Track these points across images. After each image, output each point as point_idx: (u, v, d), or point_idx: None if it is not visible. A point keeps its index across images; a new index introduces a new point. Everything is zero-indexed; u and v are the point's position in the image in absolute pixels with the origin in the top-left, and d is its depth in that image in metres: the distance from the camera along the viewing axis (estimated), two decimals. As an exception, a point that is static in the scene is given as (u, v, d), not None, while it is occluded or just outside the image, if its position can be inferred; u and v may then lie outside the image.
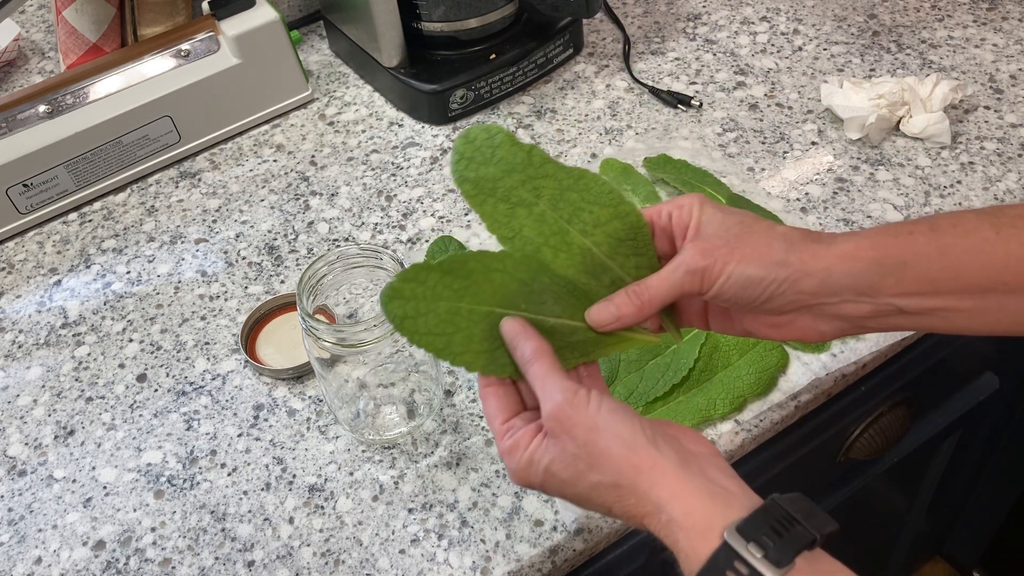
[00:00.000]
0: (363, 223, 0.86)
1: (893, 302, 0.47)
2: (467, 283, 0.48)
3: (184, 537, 0.65)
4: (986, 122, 0.88)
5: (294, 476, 0.68)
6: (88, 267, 0.85)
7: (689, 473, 0.42)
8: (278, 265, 0.83)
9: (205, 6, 0.91)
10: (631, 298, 0.49)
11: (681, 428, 0.47)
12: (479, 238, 0.82)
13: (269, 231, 0.86)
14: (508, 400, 0.49)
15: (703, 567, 0.39)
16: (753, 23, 1.02)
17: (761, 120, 0.91)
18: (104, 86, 0.89)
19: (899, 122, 0.87)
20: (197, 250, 0.85)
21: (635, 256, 0.50)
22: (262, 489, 0.67)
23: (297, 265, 0.83)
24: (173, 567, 0.64)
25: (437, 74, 0.93)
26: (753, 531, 0.39)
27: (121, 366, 0.76)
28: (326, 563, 0.63)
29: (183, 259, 0.84)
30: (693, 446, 0.45)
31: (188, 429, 0.71)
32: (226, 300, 0.81)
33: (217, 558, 0.64)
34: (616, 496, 0.44)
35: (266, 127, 0.97)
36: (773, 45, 0.99)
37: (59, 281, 0.84)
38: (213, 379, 0.75)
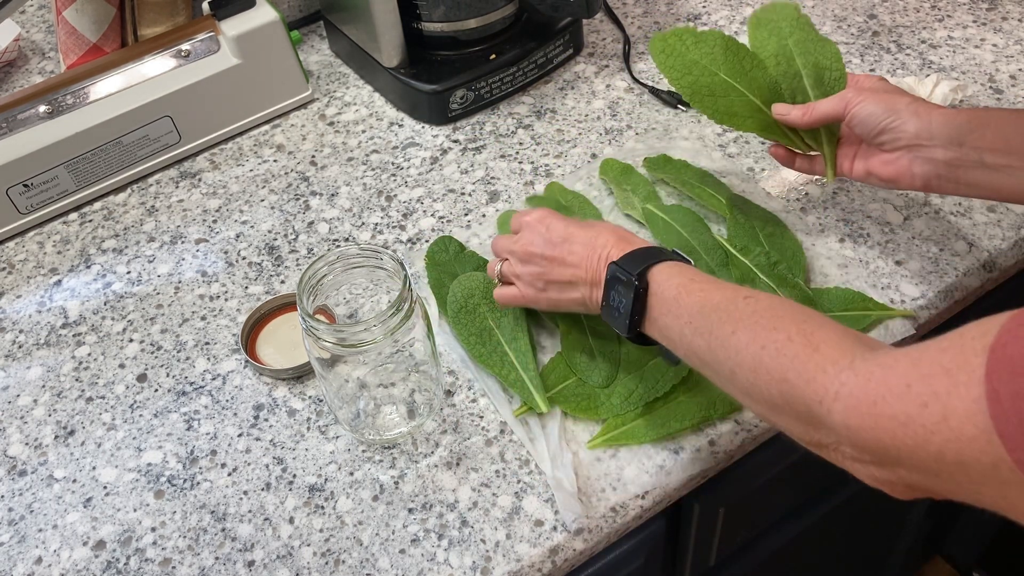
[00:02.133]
0: (363, 223, 0.86)
1: (972, 153, 0.62)
2: (739, 66, 0.74)
3: (184, 537, 0.65)
4: (986, 122, 0.88)
5: (294, 476, 0.68)
6: (88, 267, 0.85)
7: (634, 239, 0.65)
8: (278, 265, 0.83)
9: (205, 6, 0.91)
10: (803, 107, 0.71)
11: None
12: (479, 238, 0.82)
13: (269, 231, 0.86)
14: None
15: (648, 247, 0.62)
16: (753, 23, 1.02)
17: (761, 120, 0.91)
18: (104, 86, 0.89)
19: (899, 122, 0.87)
20: (197, 250, 0.85)
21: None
22: (262, 489, 0.67)
23: (297, 265, 0.83)
24: (173, 567, 0.64)
25: (437, 74, 0.93)
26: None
27: (121, 366, 0.76)
28: (326, 563, 0.63)
29: (183, 259, 0.84)
30: None
31: (188, 429, 0.72)
32: (226, 300, 0.81)
33: (217, 558, 0.64)
34: (610, 228, 0.66)
35: (266, 127, 0.97)
36: (773, 45, 0.99)
37: (59, 281, 0.84)
38: (213, 379, 0.75)
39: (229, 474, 0.68)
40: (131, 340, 0.78)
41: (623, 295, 0.60)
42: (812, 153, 0.75)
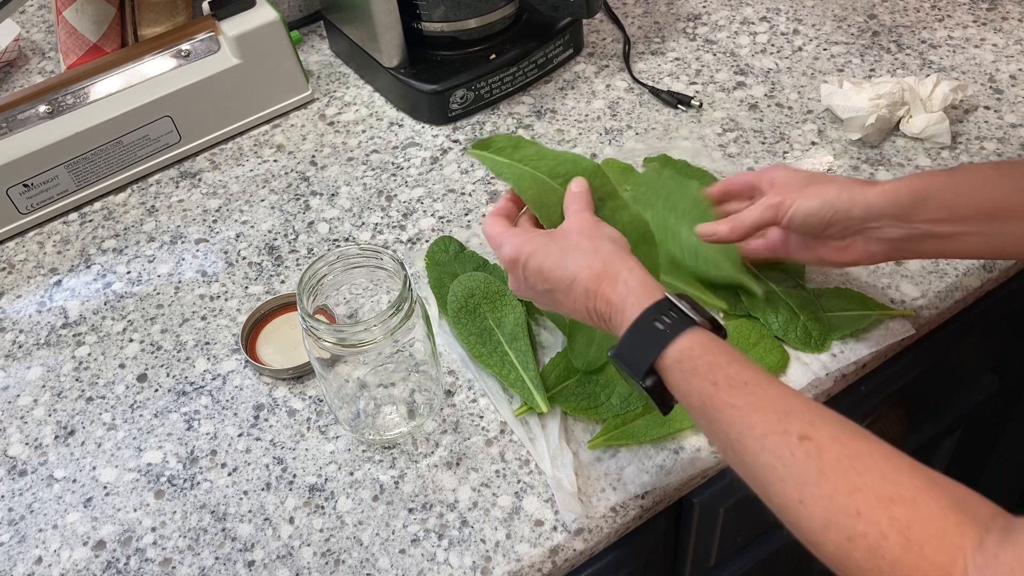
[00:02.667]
0: (363, 223, 0.86)
1: (921, 227, 0.60)
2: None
3: (184, 537, 0.65)
4: (986, 122, 0.88)
5: (294, 476, 0.68)
6: (88, 267, 0.85)
7: (641, 265, 0.57)
8: (278, 265, 0.83)
9: (205, 6, 0.91)
10: (728, 222, 0.66)
11: None
12: (479, 238, 0.82)
13: (269, 231, 0.86)
14: (508, 222, 0.63)
15: (648, 308, 0.53)
16: (753, 23, 1.02)
17: (761, 120, 0.91)
18: (104, 86, 0.89)
19: (899, 122, 0.87)
20: (197, 250, 0.85)
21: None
22: (262, 489, 0.67)
23: (297, 265, 0.83)
24: (173, 567, 0.64)
25: (437, 74, 0.93)
26: (680, 298, 0.53)
27: (121, 366, 0.76)
28: (326, 563, 0.63)
29: (183, 259, 0.84)
30: None
31: (188, 429, 0.72)
32: (226, 300, 0.81)
33: (217, 558, 0.64)
34: (589, 262, 0.56)
35: (266, 127, 0.97)
36: (773, 45, 0.99)
37: (59, 281, 0.84)
38: (213, 379, 0.75)
39: (229, 474, 0.68)
40: (131, 340, 0.78)
41: (631, 379, 0.54)
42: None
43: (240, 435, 0.71)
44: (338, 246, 0.81)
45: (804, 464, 0.44)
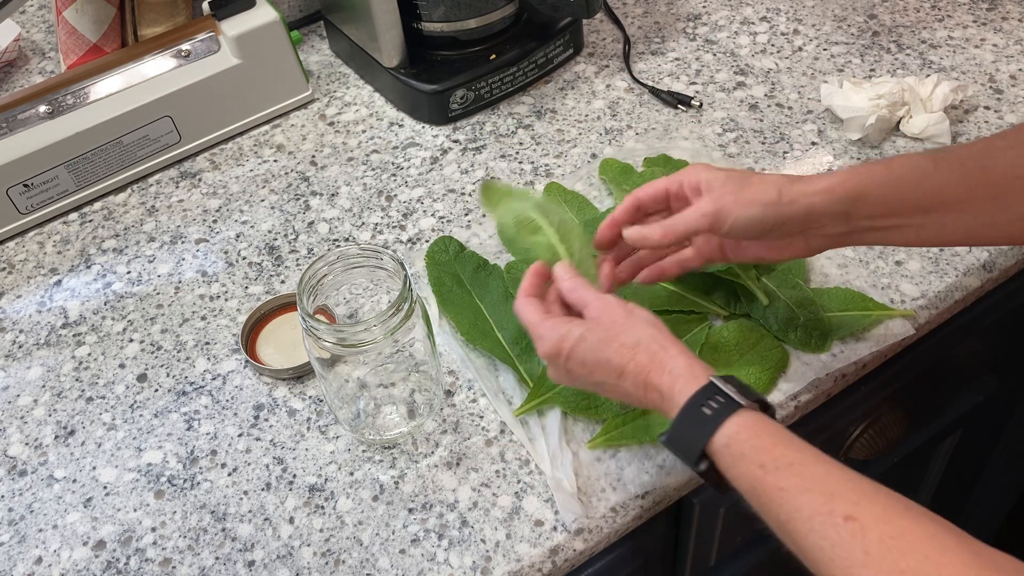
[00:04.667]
0: (363, 223, 0.86)
1: (862, 223, 0.60)
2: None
3: (184, 537, 0.65)
4: (986, 122, 0.88)
5: (294, 476, 0.68)
6: (88, 267, 0.85)
7: (685, 348, 0.57)
8: (278, 265, 0.83)
9: (205, 6, 0.91)
10: (660, 227, 0.62)
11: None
12: (479, 238, 0.82)
13: (269, 231, 0.86)
14: (541, 304, 0.61)
15: (695, 394, 0.52)
16: (753, 23, 1.02)
17: (761, 120, 0.91)
18: (104, 86, 0.89)
19: (899, 122, 0.87)
20: (197, 250, 0.85)
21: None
22: (262, 489, 0.67)
23: (297, 265, 0.83)
24: (173, 567, 0.64)
25: (437, 74, 0.93)
26: (726, 381, 0.53)
27: (121, 366, 0.76)
28: (326, 563, 0.63)
29: (183, 259, 0.84)
30: None
31: (188, 429, 0.72)
32: (226, 300, 0.81)
33: (217, 558, 0.64)
34: (633, 354, 0.56)
35: (266, 127, 0.97)
36: (773, 45, 0.99)
37: (59, 281, 0.84)
38: (213, 379, 0.75)
39: (229, 474, 0.68)
40: (131, 340, 0.78)
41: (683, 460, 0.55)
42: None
43: (240, 435, 0.71)
44: (338, 246, 0.81)
45: (850, 545, 0.44)
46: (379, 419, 0.70)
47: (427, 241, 0.83)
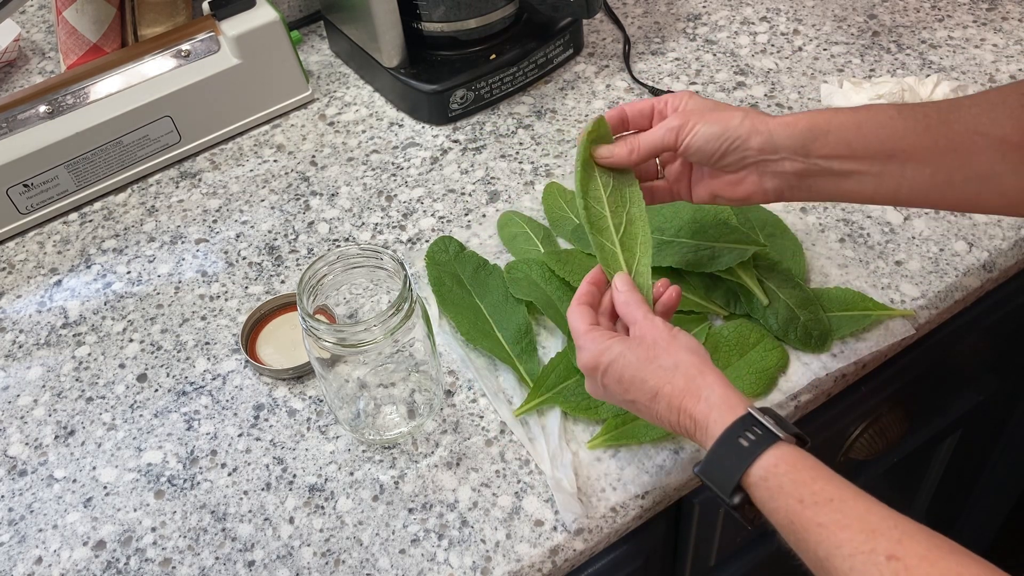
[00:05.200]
0: (363, 223, 0.86)
1: (819, 163, 0.60)
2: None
3: (184, 537, 0.65)
4: (986, 122, 0.88)
5: (294, 476, 0.68)
6: (88, 267, 0.85)
7: (723, 377, 0.56)
8: (278, 265, 0.83)
9: (205, 6, 0.91)
10: (626, 143, 0.63)
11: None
12: (479, 238, 0.82)
13: (269, 231, 0.86)
14: (591, 314, 0.61)
15: (731, 425, 0.52)
16: (753, 23, 1.02)
17: (761, 120, 0.91)
18: (104, 86, 0.89)
19: (899, 122, 0.87)
20: (197, 250, 0.85)
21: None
22: (262, 489, 0.67)
23: (297, 265, 0.83)
24: (173, 567, 0.64)
25: (437, 74, 0.93)
26: (764, 412, 0.52)
27: (121, 366, 0.76)
28: (326, 563, 0.63)
29: (183, 259, 0.85)
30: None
31: (188, 429, 0.72)
32: (226, 300, 0.81)
33: (217, 558, 0.64)
34: (670, 378, 0.55)
35: (266, 127, 0.97)
36: (773, 45, 0.99)
37: (59, 281, 0.84)
38: (213, 379, 0.75)
39: (229, 474, 0.68)
40: (131, 340, 0.78)
41: (719, 497, 0.53)
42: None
43: (240, 435, 0.71)
44: (338, 246, 0.81)
45: None
46: (379, 419, 0.70)
47: (427, 241, 0.83)
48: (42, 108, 0.87)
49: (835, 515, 0.47)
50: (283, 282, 0.81)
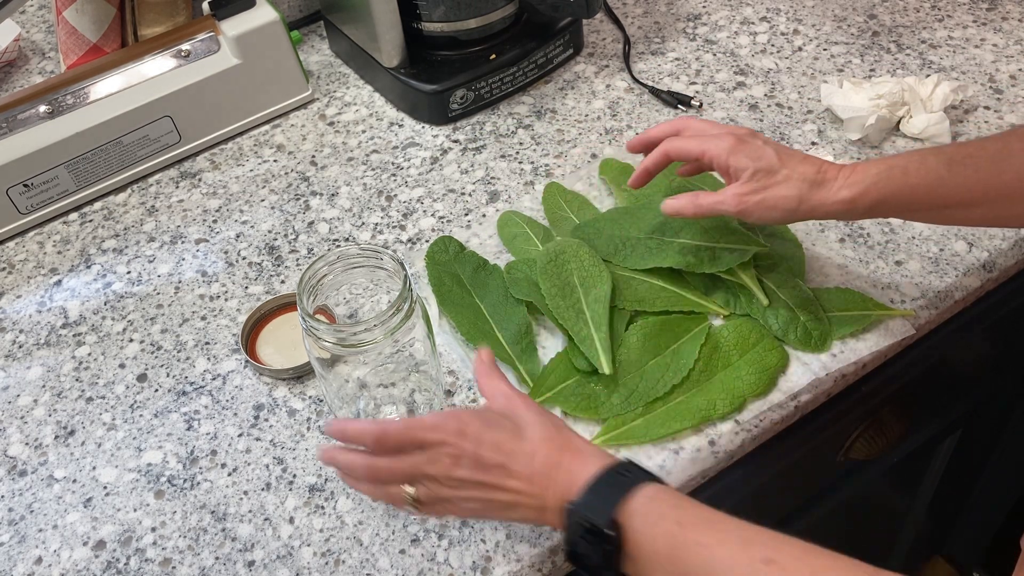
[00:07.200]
0: (363, 223, 0.86)
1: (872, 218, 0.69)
2: None
3: (184, 537, 0.65)
4: (986, 122, 0.88)
5: (294, 476, 0.68)
6: (88, 267, 0.85)
7: (578, 441, 0.56)
8: (278, 265, 0.83)
9: (205, 6, 0.91)
10: (693, 205, 0.66)
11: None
12: (479, 238, 0.82)
13: (269, 231, 0.86)
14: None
15: (613, 464, 0.53)
16: (753, 23, 1.02)
17: (761, 120, 0.91)
18: (104, 86, 0.89)
19: (899, 122, 0.87)
20: (197, 250, 0.85)
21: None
22: (262, 489, 0.67)
23: (297, 265, 0.83)
24: (173, 567, 0.64)
25: (437, 74, 0.93)
26: (631, 463, 0.54)
27: (121, 366, 0.76)
28: (326, 563, 0.63)
29: (183, 259, 0.85)
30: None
31: (188, 429, 0.72)
32: (226, 300, 0.81)
33: (217, 558, 0.64)
34: (531, 449, 0.54)
35: (266, 127, 0.97)
36: (773, 45, 0.99)
37: (59, 281, 0.84)
38: (213, 379, 0.75)
39: (229, 474, 0.68)
40: (131, 340, 0.78)
41: (592, 548, 0.52)
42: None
43: (240, 435, 0.71)
44: (338, 246, 0.81)
45: None
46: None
47: (427, 241, 0.83)
48: (42, 108, 0.87)
49: (713, 533, 0.49)
50: (283, 282, 0.81)
